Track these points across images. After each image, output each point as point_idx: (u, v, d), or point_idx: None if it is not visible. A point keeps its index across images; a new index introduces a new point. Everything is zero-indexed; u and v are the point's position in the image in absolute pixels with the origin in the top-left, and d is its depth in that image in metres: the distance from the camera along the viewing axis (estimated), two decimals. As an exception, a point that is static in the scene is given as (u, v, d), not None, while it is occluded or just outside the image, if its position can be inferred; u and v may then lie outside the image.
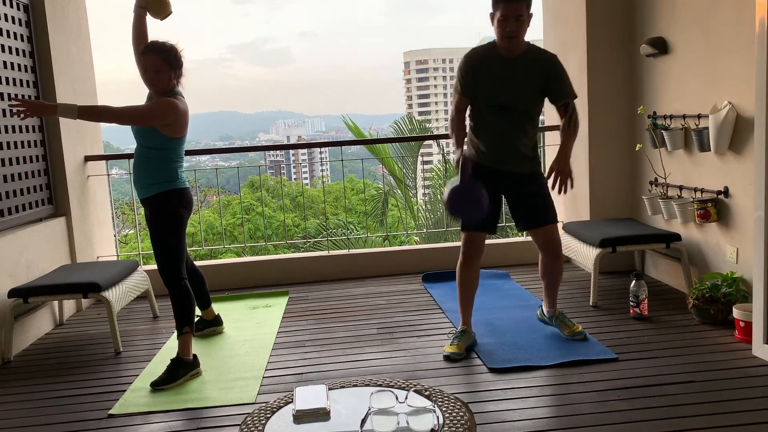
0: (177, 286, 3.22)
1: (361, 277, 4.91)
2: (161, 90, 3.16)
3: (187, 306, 3.24)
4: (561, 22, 4.83)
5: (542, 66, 3.17)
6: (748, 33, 3.28)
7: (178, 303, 3.23)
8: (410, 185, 11.11)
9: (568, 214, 4.93)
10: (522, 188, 3.26)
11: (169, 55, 3.16)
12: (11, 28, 3.97)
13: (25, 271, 3.86)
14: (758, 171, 2.90)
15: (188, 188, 3.31)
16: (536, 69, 3.16)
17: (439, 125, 66.28)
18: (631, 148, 4.51)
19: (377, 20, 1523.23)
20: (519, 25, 3.05)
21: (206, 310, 3.79)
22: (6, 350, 3.57)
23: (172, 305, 3.25)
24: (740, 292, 3.38)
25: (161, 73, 3.13)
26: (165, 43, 3.19)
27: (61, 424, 2.76)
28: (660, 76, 4.17)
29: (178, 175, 3.24)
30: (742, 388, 2.72)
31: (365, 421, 1.85)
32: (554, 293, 3.46)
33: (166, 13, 3.36)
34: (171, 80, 3.18)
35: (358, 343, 3.53)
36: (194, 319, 3.31)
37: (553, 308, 3.48)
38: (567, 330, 3.39)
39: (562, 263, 3.39)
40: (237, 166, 11.10)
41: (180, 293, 3.23)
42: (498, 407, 2.67)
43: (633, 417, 2.51)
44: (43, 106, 3.06)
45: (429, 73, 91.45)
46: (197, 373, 3.19)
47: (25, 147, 4.07)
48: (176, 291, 3.23)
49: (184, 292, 3.24)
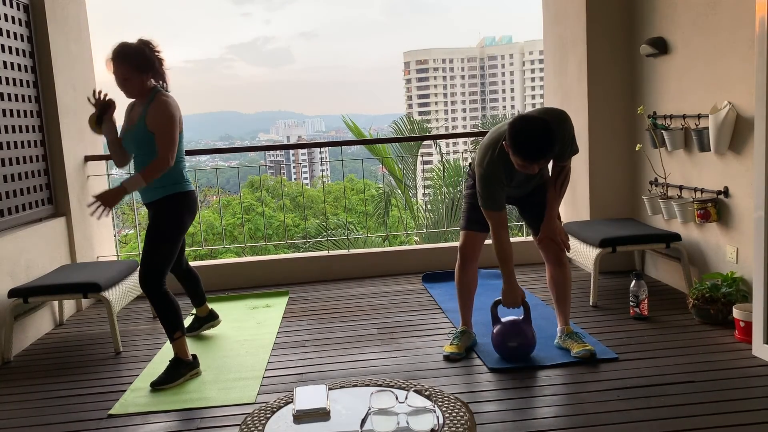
0: (157, 293, 3.12)
1: (361, 277, 4.91)
2: (137, 94, 3.11)
3: (172, 312, 3.15)
4: (561, 21, 4.83)
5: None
6: (748, 33, 3.28)
7: (162, 312, 3.13)
8: (410, 185, 11.12)
9: (568, 214, 4.93)
10: (529, 198, 3.22)
11: (135, 60, 3.03)
12: (11, 28, 3.97)
13: (25, 271, 3.86)
14: (758, 171, 2.90)
15: (193, 190, 3.27)
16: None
17: (438, 125, 66.28)
18: (631, 148, 4.51)
19: (377, 20, 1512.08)
20: (542, 165, 2.80)
21: (200, 307, 3.79)
22: (6, 350, 3.58)
23: (157, 314, 3.17)
24: (740, 292, 3.38)
25: (130, 80, 3.05)
26: (130, 45, 3.06)
27: (61, 424, 2.76)
28: (660, 76, 4.17)
29: (184, 176, 3.21)
30: (742, 388, 2.71)
31: (365, 421, 1.85)
32: (564, 306, 3.24)
33: (99, 121, 3.16)
34: (143, 83, 3.08)
35: (358, 343, 3.53)
36: (182, 320, 3.20)
37: (564, 325, 3.24)
38: (576, 347, 3.11)
39: (567, 271, 3.21)
40: (237, 166, 11.11)
41: (161, 301, 3.12)
42: (498, 407, 2.68)
43: (633, 417, 2.51)
44: (114, 193, 3.05)
45: (429, 73, 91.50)
46: (197, 373, 3.18)
47: (25, 147, 4.07)
48: (157, 299, 3.12)
49: (164, 299, 3.13)
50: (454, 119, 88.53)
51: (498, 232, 3.00)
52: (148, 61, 3.07)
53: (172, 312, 3.15)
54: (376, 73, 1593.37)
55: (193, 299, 3.72)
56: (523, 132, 2.71)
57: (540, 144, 2.68)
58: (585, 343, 3.13)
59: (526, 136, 2.70)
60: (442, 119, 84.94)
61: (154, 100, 3.07)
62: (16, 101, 3.98)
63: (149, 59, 3.09)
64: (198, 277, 3.73)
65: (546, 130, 2.68)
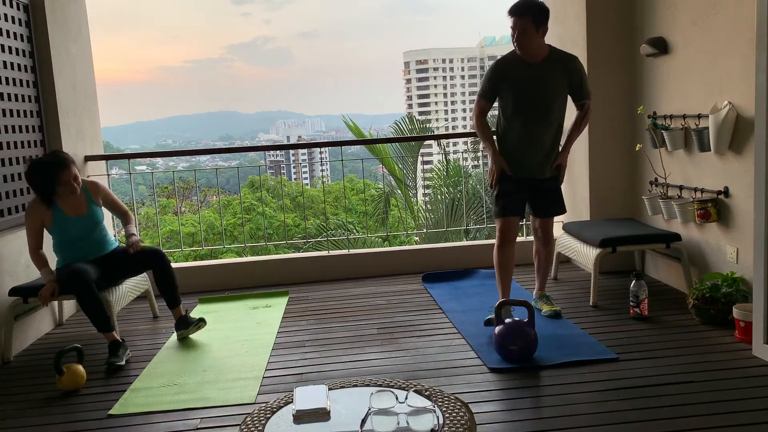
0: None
1: (361, 277, 4.91)
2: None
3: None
4: (561, 21, 4.83)
5: (563, 65, 3.47)
6: (748, 33, 3.28)
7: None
8: (410, 185, 11.11)
9: (569, 214, 4.92)
10: (540, 186, 3.65)
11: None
12: (11, 28, 3.97)
13: (25, 271, 3.86)
14: (758, 171, 2.90)
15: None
16: (558, 69, 3.47)
17: (439, 125, 66.22)
18: (631, 148, 4.51)
19: (377, 20, 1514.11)
20: (524, 37, 3.37)
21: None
22: (6, 350, 3.58)
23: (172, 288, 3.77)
24: (740, 292, 3.38)
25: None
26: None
27: (61, 424, 2.76)
28: (660, 76, 4.17)
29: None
30: (742, 388, 2.72)
31: (365, 421, 1.85)
32: (543, 276, 3.88)
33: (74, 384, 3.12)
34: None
35: (358, 343, 3.53)
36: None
37: (540, 290, 3.89)
38: (546, 307, 3.75)
39: (551, 249, 3.84)
40: (237, 166, 11.11)
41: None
42: (498, 407, 2.68)
43: (633, 417, 2.51)
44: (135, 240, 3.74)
45: (429, 73, 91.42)
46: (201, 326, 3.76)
47: (25, 147, 4.07)
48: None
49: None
50: (454, 119, 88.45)
51: (476, 114, 3.64)
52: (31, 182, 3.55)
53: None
54: (376, 73, 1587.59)
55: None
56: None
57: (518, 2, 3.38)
58: (553, 304, 3.80)
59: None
60: (442, 119, 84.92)
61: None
62: (16, 101, 3.98)
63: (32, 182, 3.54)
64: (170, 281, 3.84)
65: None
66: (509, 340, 3.11)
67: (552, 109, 3.48)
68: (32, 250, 3.58)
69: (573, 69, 3.48)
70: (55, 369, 3.06)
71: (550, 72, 3.44)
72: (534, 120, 3.49)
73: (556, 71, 3.45)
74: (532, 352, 3.13)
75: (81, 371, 3.12)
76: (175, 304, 3.78)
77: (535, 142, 3.52)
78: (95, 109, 4.90)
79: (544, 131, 3.50)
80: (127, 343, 3.58)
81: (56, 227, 3.60)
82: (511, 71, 3.49)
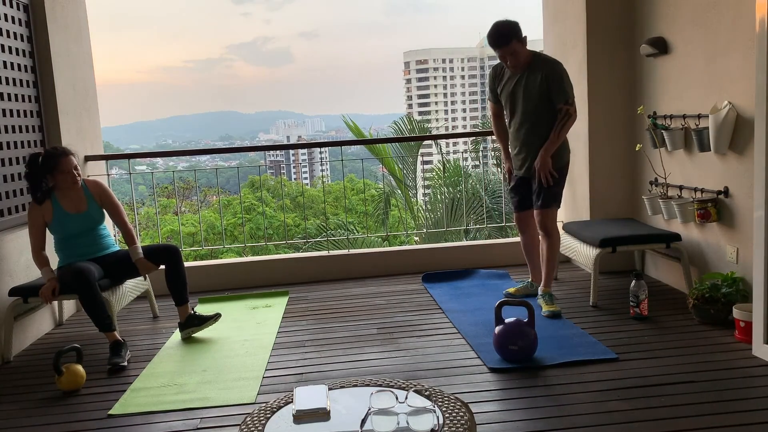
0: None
1: (361, 277, 4.91)
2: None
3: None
4: (561, 22, 4.83)
5: (542, 71, 3.65)
6: (748, 33, 3.28)
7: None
8: (410, 185, 11.12)
9: (568, 214, 4.93)
10: (531, 182, 3.90)
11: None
12: (11, 28, 3.97)
13: (24, 271, 3.86)
14: (758, 171, 2.90)
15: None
16: (537, 74, 3.66)
17: (438, 125, 66.24)
18: (631, 148, 4.51)
19: (377, 20, 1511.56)
20: (517, 58, 3.65)
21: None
22: (6, 350, 3.58)
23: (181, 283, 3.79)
24: (740, 292, 3.38)
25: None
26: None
27: (61, 424, 2.76)
28: (660, 76, 4.17)
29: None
30: (742, 388, 2.72)
31: (365, 421, 1.85)
32: (548, 270, 3.89)
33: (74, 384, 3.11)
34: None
35: (358, 343, 3.53)
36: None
37: (545, 287, 3.90)
38: (546, 307, 3.77)
39: (551, 243, 3.86)
40: (237, 166, 11.11)
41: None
42: (498, 407, 2.68)
43: (633, 417, 2.51)
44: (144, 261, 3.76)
45: (429, 73, 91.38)
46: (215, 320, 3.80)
47: (25, 147, 4.07)
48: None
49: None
50: (454, 119, 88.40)
51: (493, 118, 4.06)
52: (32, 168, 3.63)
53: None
54: (376, 73, 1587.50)
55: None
56: (492, 26, 3.68)
57: (492, 32, 3.65)
58: (554, 304, 3.79)
59: (491, 27, 3.68)
60: (442, 119, 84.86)
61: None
62: (16, 101, 3.98)
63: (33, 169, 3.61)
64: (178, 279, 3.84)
65: (500, 27, 3.63)
66: (509, 340, 3.11)
67: (535, 112, 3.71)
68: (35, 250, 3.59)
69: (549, 74, 3.64)
70: (54, 369, 3.06)
71: (531, 77, 3.68)
72: (520, 122, 3.78)
73: (536, 76, 3.66)
74: (532, 352, 3.13)
75: (80, 371, 3.12)
76: (183, 302, 3.78)
77: (522, 143, 3.82)
78: (95, 109, 4.90)
79: (529, 133, 3.76)
80: (127, 343, 3.58)
81: (56, 223, 3.61)
82: (500, 78, 3.87)
